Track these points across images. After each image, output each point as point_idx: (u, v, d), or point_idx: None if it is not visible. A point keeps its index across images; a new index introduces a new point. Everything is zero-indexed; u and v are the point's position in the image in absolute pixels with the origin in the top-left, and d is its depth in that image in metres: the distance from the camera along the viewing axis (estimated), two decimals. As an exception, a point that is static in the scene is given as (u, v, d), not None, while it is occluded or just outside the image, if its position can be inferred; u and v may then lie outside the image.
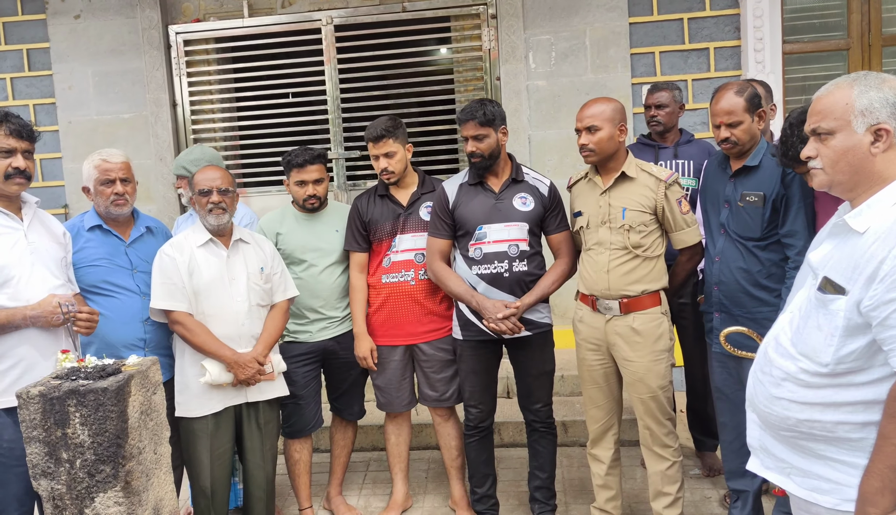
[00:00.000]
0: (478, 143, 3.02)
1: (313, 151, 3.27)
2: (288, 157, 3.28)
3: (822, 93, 1.71)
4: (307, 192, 3.27)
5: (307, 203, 3.30)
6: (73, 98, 5.18)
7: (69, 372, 2.08)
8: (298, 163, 3.24)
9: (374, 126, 3.23)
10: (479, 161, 3.05)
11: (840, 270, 1.63)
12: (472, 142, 3.03)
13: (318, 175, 3.28)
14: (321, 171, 3.29)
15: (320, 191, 3.30)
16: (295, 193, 3.32)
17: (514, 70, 4.89)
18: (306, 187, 3.27)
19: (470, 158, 3.07)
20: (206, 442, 2.93)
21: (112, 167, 2.89)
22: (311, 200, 3.29)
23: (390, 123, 3.23)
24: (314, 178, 3.27)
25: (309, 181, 3.26)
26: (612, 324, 2.92)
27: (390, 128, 3.21)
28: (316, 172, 3.27)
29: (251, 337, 2.96)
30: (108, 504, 1.99)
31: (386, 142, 3.20)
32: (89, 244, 2.89)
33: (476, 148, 3.03)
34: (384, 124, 3.22)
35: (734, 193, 2.85)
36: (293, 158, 3.25)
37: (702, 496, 3.56)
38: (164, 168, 5.15)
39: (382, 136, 3.20)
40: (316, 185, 3.28)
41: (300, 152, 3.26)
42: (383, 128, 3.20)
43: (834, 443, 1.65)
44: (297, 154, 3.25)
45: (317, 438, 4.21)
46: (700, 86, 4.83)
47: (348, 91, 5.09)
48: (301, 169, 3.25)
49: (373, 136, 3.22)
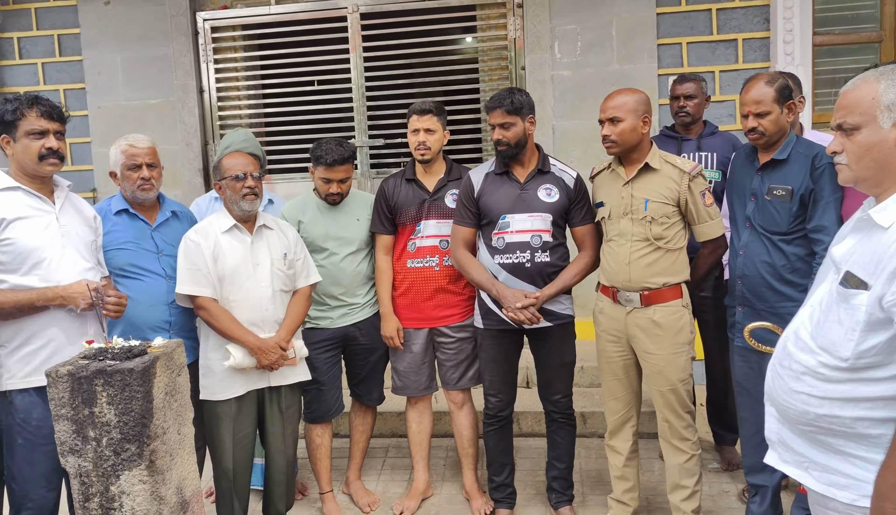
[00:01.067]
0: (504, 132, 3.03)
1: (344, 151, 3.26)
2: (318, 153, 3.26)
3: (849, 87, 1.69)
4: (331, 190, 3.30)
5: (329, 198, 3.33)
6: (103, 83, 5.25)
7: (97, 352, 2.13)
8: (328, 163, 3.23)
9: (423, 101, 3.33)
10: (506, 149, 3.05)
11: (863, 265, 1.61)
12: (499, 130, 3.03)
13: (344, 175, 3.30)
14: (348, 171, 3.32)
15: (344, 189, 3.34)
16: (319, 186, 3.34)
17: (540, 60, 4.87)
18: (331, 185, 3.29)
19: (496, 146, 3.08)
20: (228, 425, 2.97)
21: (139, 152, 2.93)
22: (333, 197, 3.32)
23: (438, 104, 3.33)
24: (340, 178, 3.29)
25: (334, 180, 3.28)
26: (632, 316, 2.91)
27: (438, 108, 3.31)
28: (343, 173, 3.29)
29: (274, 323, 3.00)
30: (132, 482, 2.04)
31: (431, 118, 3.27)
32: (116, 228, 2.94)
33: (502, 136, 3.03)
34: (432, 102, 3.33)
35: (761, 187, 2.82)
36: (323, 155, 3.24)
37: (720, 490, 3.55)
38: (191, 153, 5.21)
39: (430, 111, 3.27)
40: (340, 184, 3.31)
41: (331, 149, 3.24)
42: (431, 104, 3.31)
43: (853, 439, 1.64)
44: (328, 152, 3.23)
45: (336, 423, 4.26)
46: (727, 78, 4.77)
47: (373, 79, 5.11)
48: (329, 168, 3.25)
49: (419, 109, 3.28)
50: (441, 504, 3.59)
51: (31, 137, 2.53)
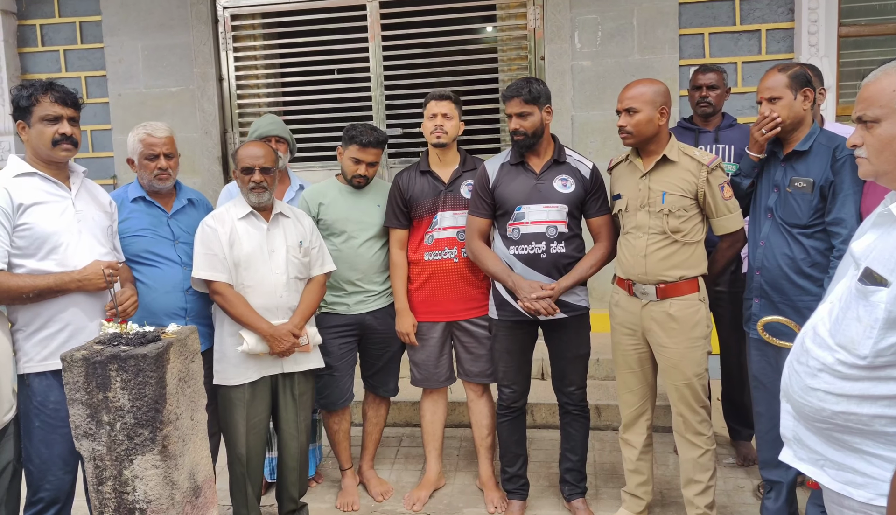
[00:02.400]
0: (521, 121, 3.00)
1: (378, 135, 3.30)
2: (353, 132, 3.29)
3: (870, 79, 1.66)
4: (359, 171, 3.32)
5: (354, 180, 3.35)
6: (123, 71, 5.29)
7: (111, 337, 2.15)
8: (362, 143, 3.26)
9: (440, 89, 3.36)
10: (522, 139, 3.03)
11: (883, 261, 1.58)
12: (516, 120, 3.01)
13: (374, 158, 3.32)
14: (378, 155, 3.34)
15: (371, 173, 3.36)
16: (346, 167, 3.35)
17: (559, 50, 4.83)
18: (360, 166, 3.31)
19: (513, 136, 3.06)
20: (242, 411, 3.00)
21: (157, 142, 2.94)
22: (359, 179, 3.34)
23: (455, 93, 3.35)
24: (370, 160, 3.31)
25: (364, 161, 3.30)
26: (648, 310, 2.89)
27: (455, 96, 3.33)
28: (374, 156, 3.31)
29: (288, 309, 3.01)
30: (145, 467, 2.06)
31: (448, 104, 3.29)
32: (133, 215, 2.96)
33: (519, 125, 3.01)
34: (450, 90, 3.35)
35: (783, 178, 2.78)
36: (358, 135, 3.27)
37: (735, 485, 3.52)
38: (210, 141, 5.24)
39: (448, 97, 3.30)
40: (369, 167, 3.33)
41: (367, 131, 3.28)
42: (449, 91, 3.34)
43: (870, 437, 1.61)
44: (363, 132, 3.27)
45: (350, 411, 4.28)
46: (750, 70, 4.70)
47: (392, 68, 5.10)
48: (363, 149, 3.28)
49: (437, 95, 3.30)
50: (454, 494, 3.59)
51: (44, 123, 2.55)
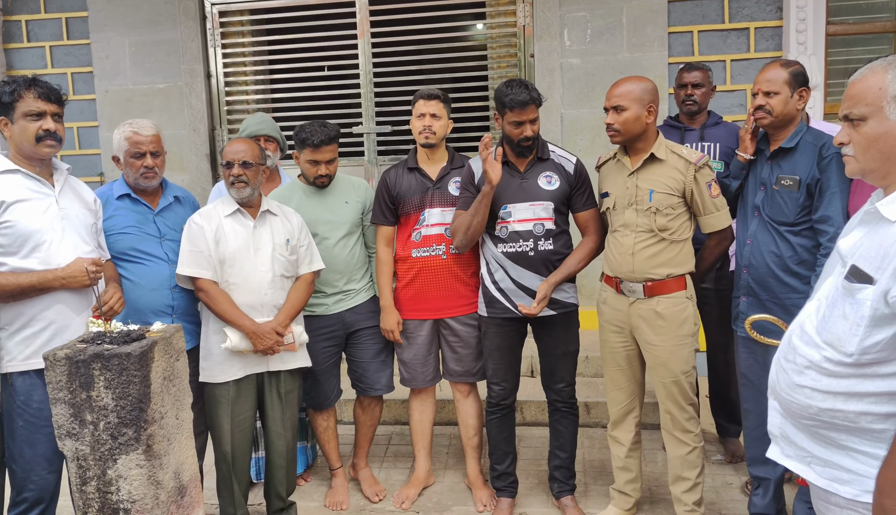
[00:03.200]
0: (533, 127, 2.99)
1: (329, 131, 3.24)
2: (303, 135, 3.24)
3: (857, 77, 1.66)
4: (319, 172, 3.27)
5: (318, 181, 3.30)
6: (110, 67, 5.24)
7: (95, 336, 2.12)
8: (314, 144, 3.21)
9: (429, 88, 3.33)
10: (530, 145, 3.02)
11: (869, 259, 1.58)
12: (529, 126, 2.98)
13: (331, 155, 3.27)
14: (334, 151, 3.29)
15: (332, 171, 3.31)
16: (305, 170, 3.31)
17: (549, 47, 4.83)
18: (318, 167, 3.26)
19: (520, 143, 3.00)
20: (227, 408, 2.98)
21: (143, 140, 2.92)
22: (322, 179, 3.30)
23: (444, 92, 3.32)
24: (327, 159, 3.26)
25: (322, 161, 3.25)
26: (635, 307, 2.89)
27: (444, 95, 3.30)
28: (329, 153, 3.26)
29: (273, 307, 2.99)
30: (129, 467, 2.04)
31: (437, 103, 3.26)
32: (118, 212, 2.93)
33: (533, 131, 2.99)
34: (438, 89, 3.32)
35: (770, 176, 2.79)
36: (308, 137, 3.21)
37: (723, 482, 3.53)
38: (198, 138, 5.20)
39: (436, 96, 3.26)
40: (328, 165, 3.28)
41: (316, 131, 3.22)
42: (438, 90, 3.30)
43: (856, 434, 1.62)
44: (313, 132, 3.21)
45: (340, 411, 4.27)
46: (739, 67, 4.71)
47: (381, 65, 5.08)
48: (316, 150, 3.22)
49: (426, 94, 3.27)
50: (443, 492, 3.59)
51: (28, 119, 2.53)
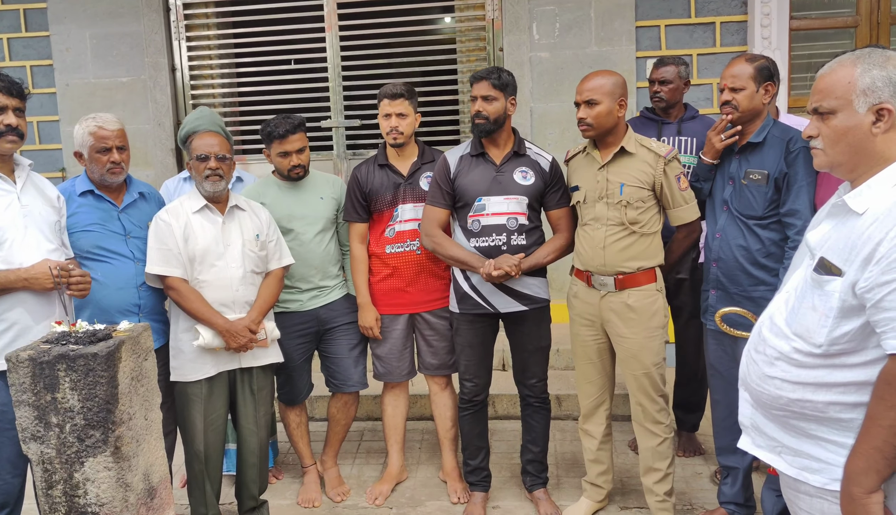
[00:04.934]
0: (486, 104, 2.98)
1: (293, 120, 3.19)
2: (268, 129, 3.19)
3: (825, 71, 1.67)
4: (291, 163, 3.23)
5: (292, 173, 3.26)
6: (71, 60, 5.12)
7: (59, 336, 2.07)
8: (280, 134, 3.16)
9: (393, 85, 3.25)
10: (483, 123, 3.00)
11: (837, 251, 1.61)
12: (481, 102, 2.99)
13: (300, 144, 3.22)
14: (303, 140, 3.24)
15: (304, 160, 3.26)
16: (278, 165, 3.26)
17: (518, 41, 4.83)
18: (290, 157, 3.22)
19: (474, 120, 3.03)
20: (199, 407, 2.94)
21: (108, 134, 2.84)
22: (297, 170, 3.25)
23: (408, 86, 3.25)
24: (297, 148, 3.21)
25: (292, 151, 3.20)
26: (606, 300, 2.91)
27: (408, 90, 3.23)
28: (298, 142, 3.21)
29: (245, 304, 2.95)
30: (97, 469, 1.99)
31: (402, 102, 3.20)
32: (81, 209, 2.86)
33: (483, 108, 2.98)
34: (403, 85, 3.25)
35: (738, 170, 2.82)
36: (274, 129, 3.17)
37: (693, 472, 3.58)
38: (163, 133, 5.11)
39: (401, 95, 3.20)
40: (299, 155, 3.23)
41: (280, 122, 3.17)
42: (403, 87, 3.23)
43: (825, 423, 1.64)
44: (278, 124, 3.17)
45: (311, 408, 4.23)
46: (705, 61, 4.76)
47: (350, 59, 5.03)
48: (283, 140, 3.17)
49: (390, 93, 3.21)
50: (416, 487, 3.58)
51: None
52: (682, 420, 3.82)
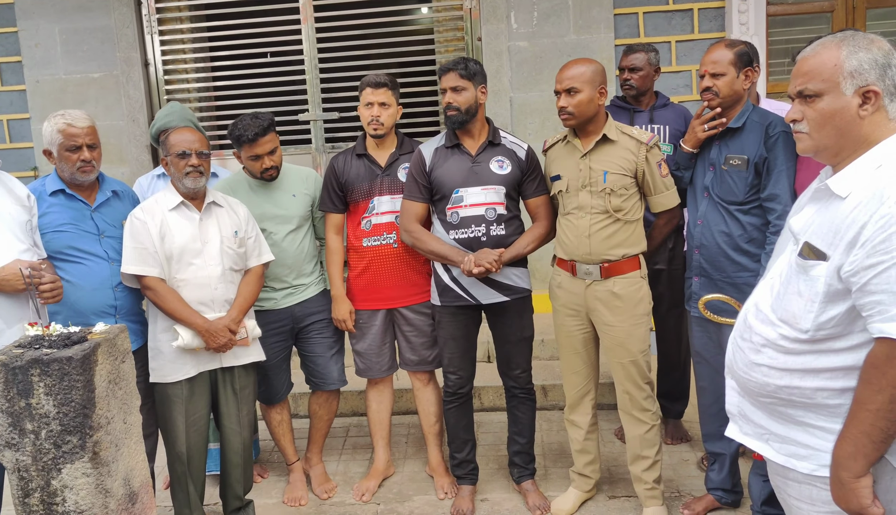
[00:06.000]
0: (455, 95, 2.95)
1: (262, 121, 3.09)
2: (236, 133, 3.09)
3: (809, 53, 1.65)
4: (264, 165, 3.14)
5: (265, 175, 3.18)
6: (40, 56, 5.01)
7: (32, 340, 2.01)
8: (250, 139, 3.07)
9: (376, 74, 3.22)
10: (455, 114, 2.97)
11: (821, 235, 1.59)
12: (451, 94, 2.96)
13: (271, 145, 3.13)
14: (274, 140, 3.15)
15: (276, 160, 3.18)
16: (250, 167, 3.18)
17: (496, 30, 4.79)
18: (262, 160, 3.13)
19: (445, 112, 3.01)
20: (180, 408, 2.90)
21: (78, 132, 2.76)
22: (270, 172, 3.17)
23: (391, 77, 3.22)
24: (268, 150, 3.12)
25: (263, 154, 3.12)
26: (591, 289, 2.89)
27: (392, 81, 3.20)
28: (269, 143, 3.12)
29: (224, 302, 2.90)
30: (75, 476, 1.95)
31: (385, 92, 3.16)
32: (53, 209, 2.78)
33: (453, 100, 2.96)
34: (386, 75, 3.21)
35: (719, 156, 2.81)
36: (242, 133, 3.07)
37: (680, 458, 3.58)
38: (137, 129, 5.03)
39: (384, 85, 3.16)
40: (271, 156, 3.14)
41: (249, 124, 3.07)
42: (386, 77, 3.19)
43: (812, 409, 1.64)
44: (246, 127, 3.06)
45: (295, 404, 4.19)
46: (683, 48, 4.76)
47: (326, 51, 4.97)
48: (253, 144, 3.08)
49: (373, 82, 3.16)
50: (403, 482, 3.56)
51: None
52: (666, 408, 3.82)
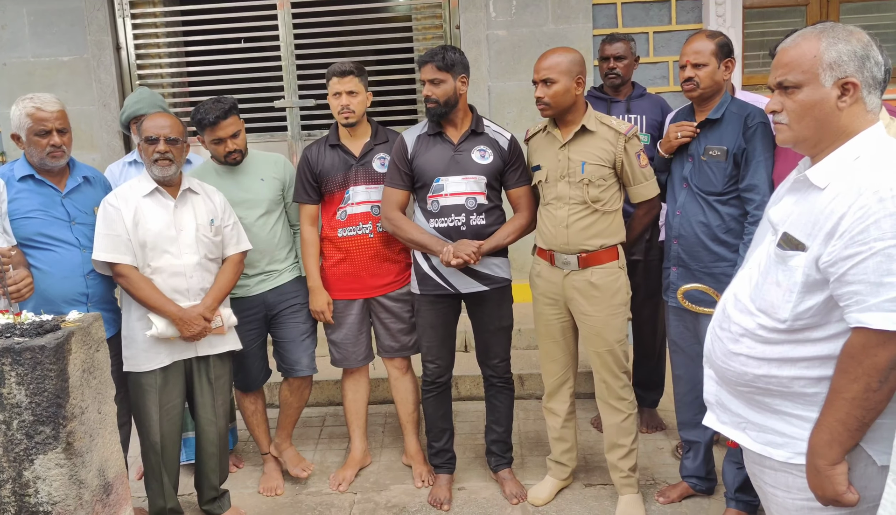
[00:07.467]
0: (434, 88, 2.93)
1: (224, 104, 3.05)
2: (198, 116, 3.05)
3: (788, 44, 1.65)
4: (227, 149, 3.10)
5: (229, 158, 3.13)
6: (7, 38, 4.89)
7: (3, 328, 1.96)
8: (211, 122, 3.02)
9: (341, 63, 3.18)
10: (434, 107, 2.96)
11: (800, 226, 1.61)
12: (429, 86, 2.94)
13: (234, 128, 3.08)
14: (237, 123, 3.10)
15: (240, 144, 3.13)
16: (213, 151, 3.14)
17: (474, 18, 4.77)
18: (224, 144, 3.09)
19: (426, 103, 2.99)
20: (154, 397, 2.86)
21: (47, 116, 2.69)
22: (234, 155, 3.13)
23: (357, 64, 3.18)
24: (230, 133, 3.08)
25: (226, 137, 3.07)
26: (570, 279, 2.90)
27: (358, 68, 3.16)
28: (231, 126, 3.07)
29: (200, 291, 2.86)
30: (48, 467, 1.91)
31: (351, 80, 3.12)
32: (21, 195, 2.71)
33: (431, 92, 2.94)
34: (351, 63, 3.17)
35: (697, 147, 2.82)
36: (204, 117, 3.03)
37: (655, 447, 3.62)
38: (108, 114, 4.93)
39: (350, 72, 3.12)
40: (234, 139, 3.10)
41: (210, 108, 3.03)
42: (351, 64, 3.16)
43: (789, 398, 1.66)
44: (208, 111, 3.03)
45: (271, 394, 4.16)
46: (661, 39, 4.77)
47: (303, 37, 4.91)
48: (215, 127, 3.04)
49: (339, 71, 3.13)
50: (380, 471, 3.55)
51: None
52: (642, 397, 3.84)
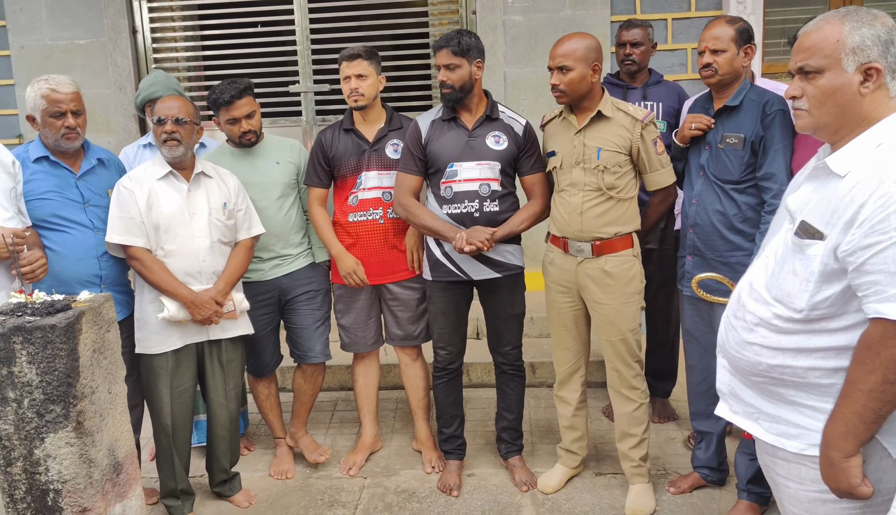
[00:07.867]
0: (449, 73, 2.91)
1: (239, 84, 3.08)
2: (213, 96, 3.07)
3: (810, 28, 1.62)
4: (241, 129, 3.11)
5: (244, 139, 3.14)
6: (25, 21, 4.90)
7: (15, 307, 1.98)
8: (226, 101, 3.04)
9: (351, 47, 3.18)
10: (450, 92, 2.94)
11: (818, 214, 1.57)
12: (444, 71, 2.92)
13: (248, 108, 3.10)
14: (251, 104, 3.12)
15: (255, 125, 3.14)
16: (228, 132, 3.15)
17: (491, 4, 4.72)
18: (239, 124, 3.10)
19: (441, 89, 2.97)
20: (166, 379, 2.87)
21: (62, 98, 2.70)
22: (248, 136, 3.14)
23: (367, 48, 3.17)
24: (245, 113, 3.09)
25: (240, 117, 3.09)
26: (583, 267, 2.87)
27: (367, 51, 3.14)
28: (246, 106, 3.09)
29: (212, 274, 2.87)
30: (59, 445, 1.92)
31: (360, 63, 3.11)
32: (36, 176, 2.72)
33: (447, 78, 2.92)
34: (361, 46, 3.17)
35: (715, 135, 2.78)
36: (219, 96, 3.05)
37: (666, 436, 3.59)
38: (124, 98, 4.94)
39: (358, 56, 3.11)
40: (249, 120, 3.11)
41: (225, 88, 3.05)
42: (360, 48, 3.15)
43: (804, 389, 1.63)
44: (223, 90, 3.05)
45: (283, 378, 4.17)
46: (680, 26, 4.71)
47: (318, 21, 4.89)
48: (229, 106, 3.05)
49: (348, 55, 3.13)
50: (390, 456, 3.55)
51: None
52: (654, 387, 3.82)
